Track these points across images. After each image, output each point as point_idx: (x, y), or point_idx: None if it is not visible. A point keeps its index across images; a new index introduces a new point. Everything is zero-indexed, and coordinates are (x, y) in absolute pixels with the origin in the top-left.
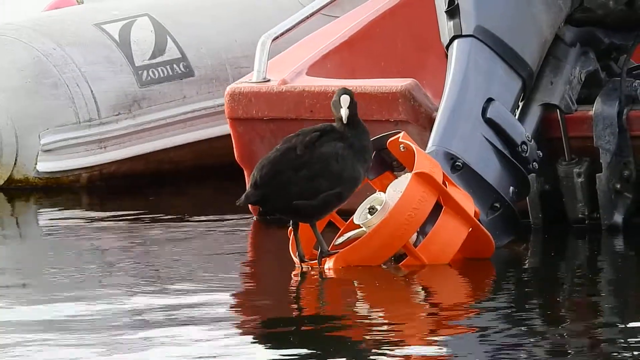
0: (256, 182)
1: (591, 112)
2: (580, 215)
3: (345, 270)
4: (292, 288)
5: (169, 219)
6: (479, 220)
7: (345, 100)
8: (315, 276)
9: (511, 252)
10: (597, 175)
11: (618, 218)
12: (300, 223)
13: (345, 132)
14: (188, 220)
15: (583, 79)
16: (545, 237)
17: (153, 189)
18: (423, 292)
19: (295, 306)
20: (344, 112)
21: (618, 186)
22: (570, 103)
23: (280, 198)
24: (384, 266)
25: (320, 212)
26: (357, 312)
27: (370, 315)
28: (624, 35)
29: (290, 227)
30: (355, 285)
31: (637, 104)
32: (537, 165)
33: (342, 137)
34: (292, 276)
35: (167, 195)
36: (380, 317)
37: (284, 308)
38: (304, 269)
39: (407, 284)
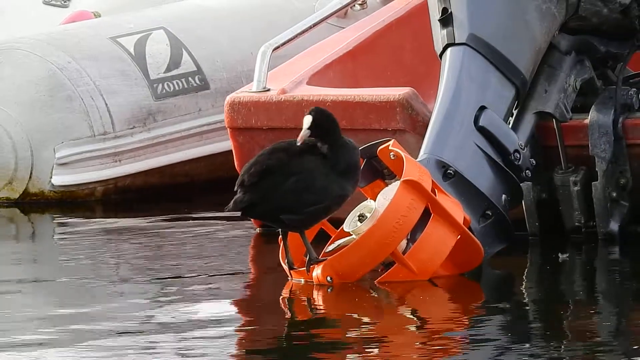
0: (243, 182)
1: (587, 121)
2: (576, 224)
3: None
4: (284, 308)
5: (183, 232)
6: (470, 228)
7: (307, 120)
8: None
9: (507, 261)
10: (593, 183)
11: (614, 226)
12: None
13: (326, 152)
14: (203, 234)
15: (578, 87)
16: (541, 245)
17: (168, 202)
18: (417, 313)
19: (285, 326)
20: (301, 135)
21: (614, 194)
22: (565, 111)
23: (267, 204)
24: (372, 292)
25: (307, 224)
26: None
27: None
28: (620, 43)
29: (280, 236)
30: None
31: (633, 112)
32: (530, 173)
33: (324, 156)
34: (284, 294)
35: (182, 209)
36: (370, 337)
37: (276, 328)
38: (295, 281)
39: (399, 307)
